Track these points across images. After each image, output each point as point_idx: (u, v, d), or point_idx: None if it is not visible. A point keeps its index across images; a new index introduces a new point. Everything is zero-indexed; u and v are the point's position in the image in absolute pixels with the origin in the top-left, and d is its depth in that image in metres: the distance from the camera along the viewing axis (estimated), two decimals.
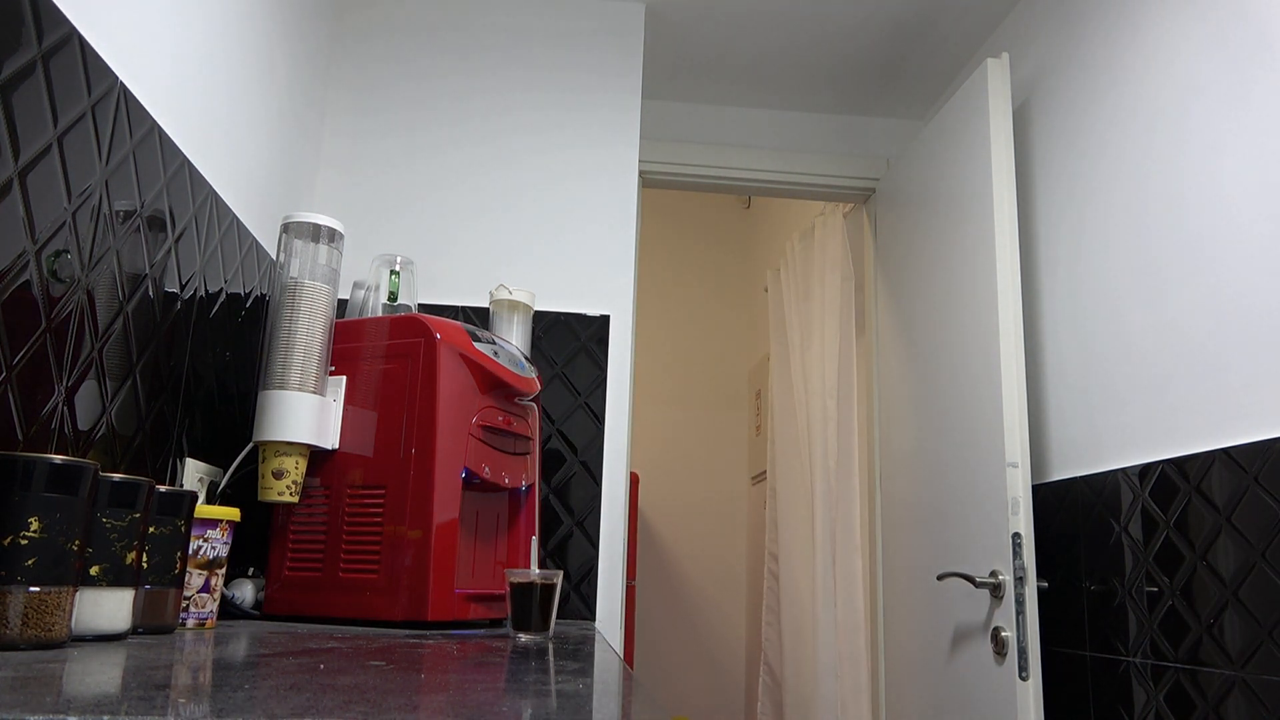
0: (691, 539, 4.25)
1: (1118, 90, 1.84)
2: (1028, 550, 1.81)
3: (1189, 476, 1.54)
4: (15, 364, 0.95)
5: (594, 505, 2.06)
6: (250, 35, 1.63)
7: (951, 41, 2.51)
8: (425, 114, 2.23)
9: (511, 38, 2.30)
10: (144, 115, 1.22)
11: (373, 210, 2.15)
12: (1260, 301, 1.42)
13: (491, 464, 1.52)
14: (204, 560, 1.14)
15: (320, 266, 1.49)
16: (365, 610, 1.37)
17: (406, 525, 1.37)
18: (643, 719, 0.60)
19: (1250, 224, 1.46)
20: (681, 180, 2.83)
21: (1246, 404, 1.43)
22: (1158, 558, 1.61)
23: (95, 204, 1.10)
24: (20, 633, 0.76)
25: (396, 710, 0.53)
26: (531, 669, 0.87)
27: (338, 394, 1.48)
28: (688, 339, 4.37)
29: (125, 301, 1.18)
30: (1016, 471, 1.85)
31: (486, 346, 1.55)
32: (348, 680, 0.66)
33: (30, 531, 0.77)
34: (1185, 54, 1.65)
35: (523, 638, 1.18)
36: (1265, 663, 1.34)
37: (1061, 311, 1.98)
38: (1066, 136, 2.02)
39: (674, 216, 4.52)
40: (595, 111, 2.28)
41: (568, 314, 2.14)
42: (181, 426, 1.38)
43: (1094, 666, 1.77)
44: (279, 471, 1.42)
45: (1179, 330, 1.60)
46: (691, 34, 2.52)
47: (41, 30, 0.99)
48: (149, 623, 1.00)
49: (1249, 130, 1.48)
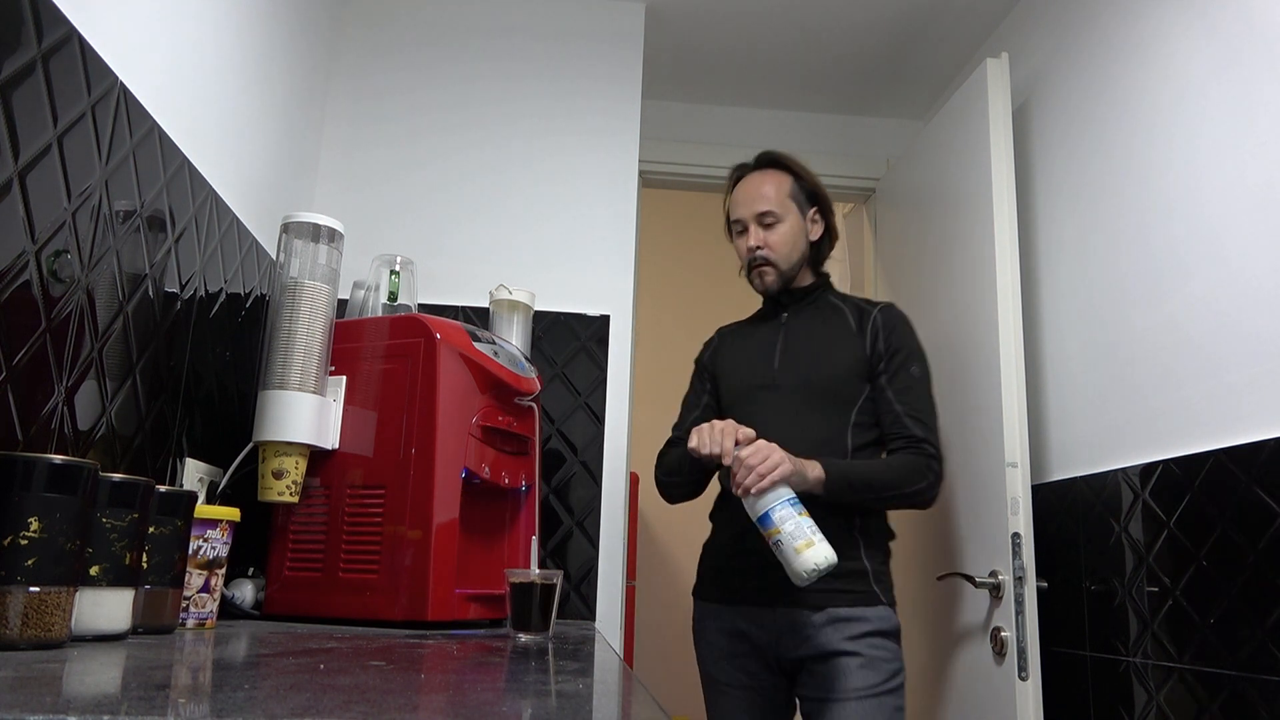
0: (692, 539, 4.25)
1: (1117, 90, 1.84)
2: (1028, 550, 1.81)
3: (1189, 476, 1.54)
4: (15, 364, 0.95)
5: (594, 505, 2.06)
6: (250, 34, 1.63)
7: (951, 41, 2.51)
8: (425, 114, 2.23)
9: (512, 36, 2.30)
10: (144, 115, 1.22)
11: (373, 210, 2.15)
12: (1260, 301, 1.42)
13: (491, 464, 1.52)
14: (204, 560, 1.14)
15: (320, 266, 1.49)
16: (365, 610, 1.36)
17: (406, 525, 1.37)
18: (643, 719, 0.60)
19: (1250, 223, 1.46)
20: (681, 180, 2.82)
21: (1246, 404, 1.43)
22: (1158, 558, 1.61)
23: (95, 204, 1.10)
24: (20, 633, 0.76)
25: (396, 710, 0.53)
26: (531, 669, 0.87)
27: (338, 394, 1.48)
28: (688, 339, 4.37)
29: (125, 301, 1.18)
30: (1016, 471, 1.85)
31: (486, 346, 1.54)
32: (348, 680, 0.66)
33: (30, 531, 0.77)
34: (1184, 53, 1.65)
35: (523, 638, 1.18)
36: (1265, 663, 1.34)
37: (1061, 311, 1.98)
38: (1066, 136, 2.02)
39: (674, 216, 4.52)
40: (595, 111, 2.27)
41: (568, 314, 2.14)
42: (181, 426, 1.38)
43: (1094, 666, 1.77)
44: (279, 471, 1.42)
45: (1179, 330, 1.60)
46: (691, 34, 2.52)
47: (41, 30, 0.99)
48: (149, 623, 1.00)
49: (1249, 129, 1.48)
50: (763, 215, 1.72)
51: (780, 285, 1.74)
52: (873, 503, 1.58)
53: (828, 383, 1.66)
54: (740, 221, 1.76)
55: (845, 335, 1.70)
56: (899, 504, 1.60)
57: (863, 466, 1.58)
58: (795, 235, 1.73)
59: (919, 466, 1.58)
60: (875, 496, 1.57)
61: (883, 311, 1.72)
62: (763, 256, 1.72)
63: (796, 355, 1.71)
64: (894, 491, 1.57)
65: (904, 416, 1.62)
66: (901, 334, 1.69)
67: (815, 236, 1.76)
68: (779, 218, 1.72)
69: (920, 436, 1.61)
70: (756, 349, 1.77)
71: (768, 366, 1.72)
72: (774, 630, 1.60)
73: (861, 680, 1.52)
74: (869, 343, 1.68)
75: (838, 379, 1.66)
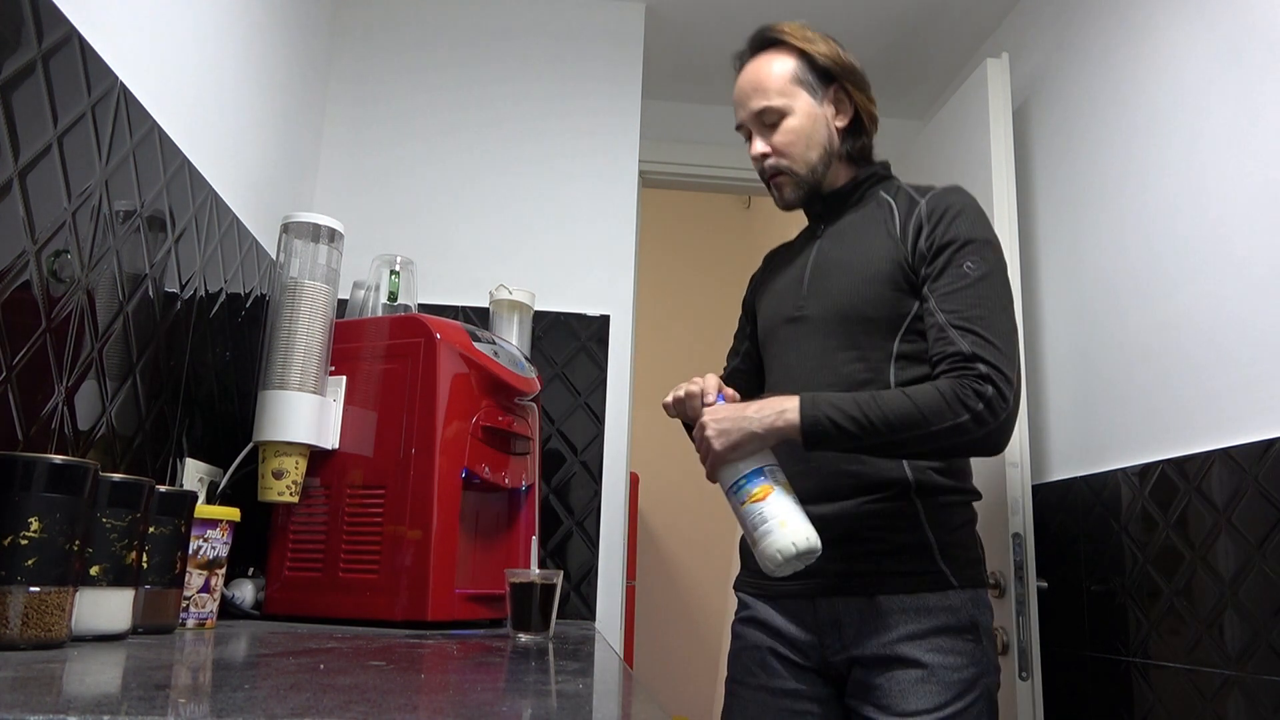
0: (691, 539, 4.25)
1: (1117, 90, 1.84)
2: (1028, 550, 1.81)
3: (1189, 476, 1.54)
4: (15, 364, 0.95)
5: (594, 505, 2.06)
6: (251, 34, 1.63)
7: (951, 41, 2.51)
8: (425, 114, 2.23)
9: (512, 37, 2.30)
10: (144, 115, 1.22)
11: (373, 210, 2.15)
12: (1260, 301, 1.42)
13: (491, 464, 1.52)
14: (204, 560, 1.14)
15: (320, 266, 1.49)
16: (365, 610, 1.36)
17: (406, 525, 1.37)
18: (643, 719, 0.60)
19: (1249, 222, 1.46)
20: (681, 180, 2.82)
21: (1246, 404, 1.43)
22: (1157, 558, 1.61)
23: (95, 204, 1.10)
24: (20, 633, 0.76)
25: (396, 710, 0.53)
26: (531, 669, 0.87)
27: (338, 394, 1.48)
28: (688, 339, 4.37)
29: (125, 301, 1.18)
30: (1016, 471, 1.85)
31: (486, 346, 1.54)
32: (348, 680, 0.66)
33: (30, 531, 0.77)
34: (1184, 52, 1.65)
35: (523, 638, 1.18)
36: (1265, 663, 1.34)
37: (1061, 311, 1.98)
38: (1066, 136, 2.02)
39: (674, 216, 4.52)
40: (595, 111, 2.27)
41: (568, 314, 2.14)
42: (181, 426, 1.38)
43: (1094, 666, 1.77)
44: (279, 471, 1.42)
45: (1178, 330, 1.60)
46: (691, 34, 2.51)
47: (41, 30, 0.99)
48: (149, 623, 1.00)
49: (1249, 129, 1.48)
50: (762, 113, 1.36)
51: (804, 195, 1.38)
52: (891, 450, 1.17)
53: (861, 306, 1.28)
54: (742, 126, 1.41)
55: (883, 239, 1.30)
56: (935, 450, 1.17)
57: (865, 400, 1.16)
58: (810, 127, 1.35)
59: (956, 394, 1.13)
60: (889, 440, 1.14)
61: (932, 198, 1.29)
62: (773, 165, 1.37)
63: (826, 276, 1.34)
64: (916, 431, 1.13)
65: (947, 327, 1.19)
66: (954, 222, 1.25)
67: (842, 123, 1.37)
68: (784, 110, 1.35)
69: (966, 353, 1.15)
70: (789, 275, 1.42)
71: (796, 295, 1.37)
72: (815, 627, 1.28)
73: (919, 701, 1.16)
74: (911, 241, 1.27)
75: (873, 299, 1.28)
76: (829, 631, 1.26)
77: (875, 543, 1.23)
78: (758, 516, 1.13)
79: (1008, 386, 1.14)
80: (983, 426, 1.13)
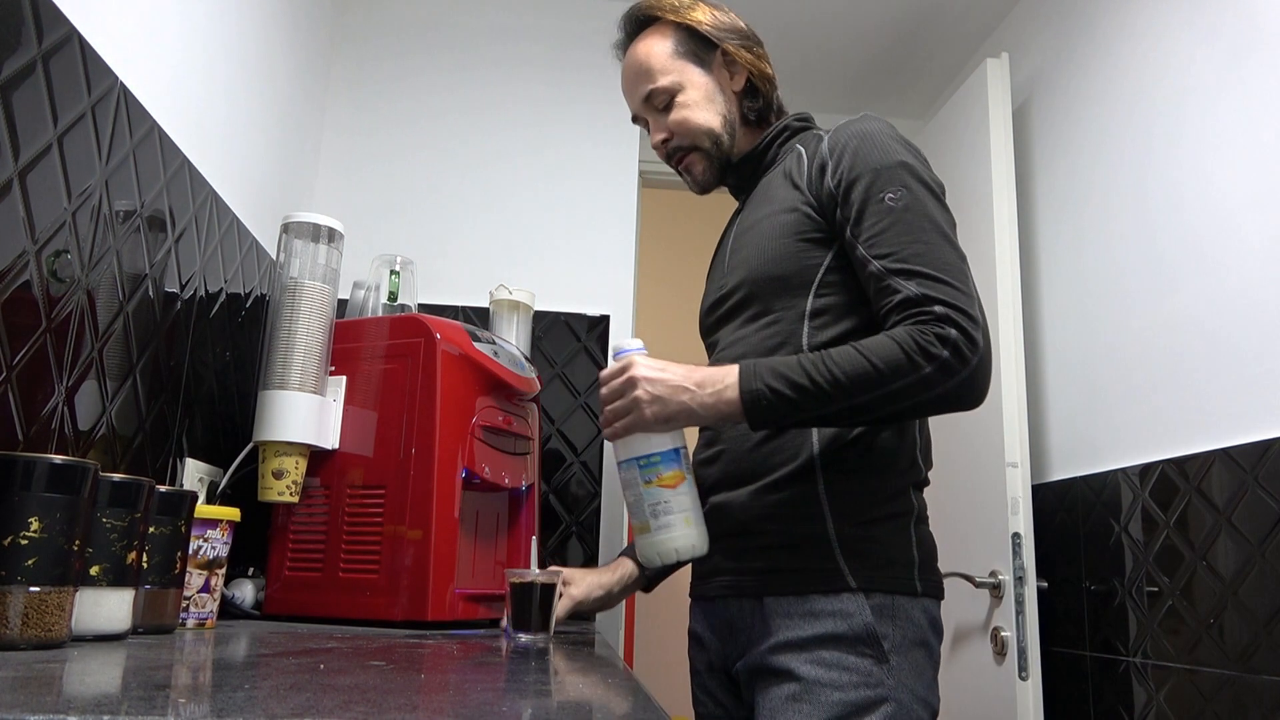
0: None
1: (1117, 89, 1.84)
2: (1028, 550, 1.81)
3: (1189, 476, 1.54)
4: (15, 364, 0.95)
5: (594, 505, 2.06)
6: (250, 35, 1.63)
7: (951, 41, 2.51)
8: (426, 114, 2.23)
9: (511, 37, 2.30)
10: (144, 115, 1.22)
11: (373, 210, 2.15)
12: (1260, 301, 1.42)
13: (491, 464, 1.52)
14: (204, 560, 1.14)
15: (320, 266, 1.49)
16: (365, 610, 1.36)
17: (406, 525, 1.37)
18: (642, 719, 0.60)
19: (1249, 222, 1.46)
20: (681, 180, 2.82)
21: (1246, 404, 1.43)
22: (1158, 558, 1.61)
23: (95, 204, 1.10)
24: (20, 633, 0.76)
25: (396, 710, 0.53)
26: (531, 669, 0.87)
27: (338, 394, 1.48)
28: (688, 339, 4.37)
29: (125, 301, 1.18)
30: (1016, 471, 1.85)
31: (486, 346, 1.54)
32: (348, 680, 0.66)
33: (30, 531, 0.77)
34: (1183, 51, 1.65)
35: (523, 638, 1.18)
36: (1265, 663, 1.34)
37: (1061, 311, 1.98)
38: (1066, 136, 2.02)
39: (674, 216, 4.52)
40: (595, 111, 2.27)
41: (568, 314, 2.14)
42: (181, 426, 1.38)
43: (1094, 666, 1.77)
44: (279, 471, 1.42)
45: (1178, 330, 1.60)
46: None
47: (41, 30, 0.99)
48: (149, 623, 1.00)
49: (1248, 128, 1.48)
50: (651, 97, 1.26)
51: (717, 170, 1.27)
52: (850, 417, 1.00)
53: (768, 266, 1.14)
54: (637, 118, 1.32)
55: (788, 190, 1.16)
56: (901, 410, 1.00)
57: (811, 363, 0.99)
58: (705, 98, 1.24)
59: (916, 341, 0.97)
60: (845, 405, 0.98)
61: (835, 131, 1.14)
62: (675, 146, 1.26)
63: (741, 246, 1.22)
64: (875, 391, 0.97)
65: (886, 275, 1.02)
66: (860, 151, 1.08)
67: (739, 87, 1.26)
68: (673, 89, 1.24)
69: (914, 295, 0.99)
70: (718, 258, 1.33)
71: (720, 275, 1.27)
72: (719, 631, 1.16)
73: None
74: (815, 183, 1.12)
75: (778, 256, 1.13)
76: (726, 637, 1.14)
77: (770, 535, 1.08)
78: (662, 505, 1.03)
79: (973, 326, 0.99)
80: (951, 376, 0.97)
